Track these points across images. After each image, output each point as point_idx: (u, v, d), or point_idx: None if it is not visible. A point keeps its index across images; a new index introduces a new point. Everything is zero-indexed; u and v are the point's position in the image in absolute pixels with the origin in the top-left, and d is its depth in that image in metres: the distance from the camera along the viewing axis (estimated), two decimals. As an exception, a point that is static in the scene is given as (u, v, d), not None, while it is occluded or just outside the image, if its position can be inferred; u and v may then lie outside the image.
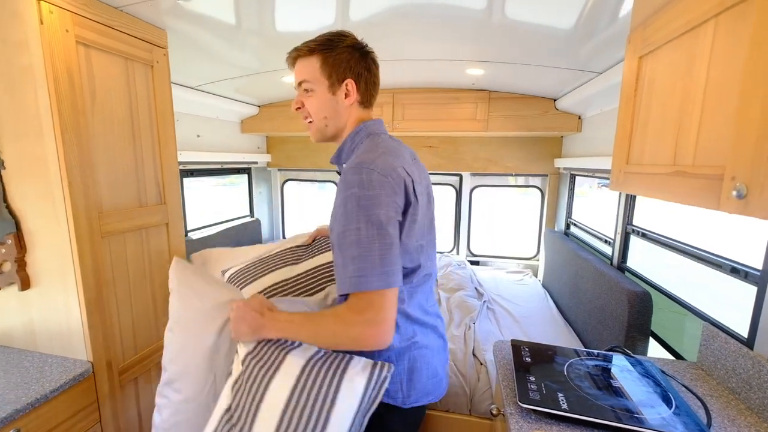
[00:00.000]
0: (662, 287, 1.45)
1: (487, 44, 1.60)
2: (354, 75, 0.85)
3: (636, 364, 1.09)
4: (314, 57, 0.83)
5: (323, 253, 1.18)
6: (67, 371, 1.09)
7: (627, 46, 0.96)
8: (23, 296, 1.16)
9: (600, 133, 2.08)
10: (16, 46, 1.00)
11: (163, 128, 1.37)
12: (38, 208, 1.09)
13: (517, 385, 0.96)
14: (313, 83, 0.84)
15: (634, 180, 0.90)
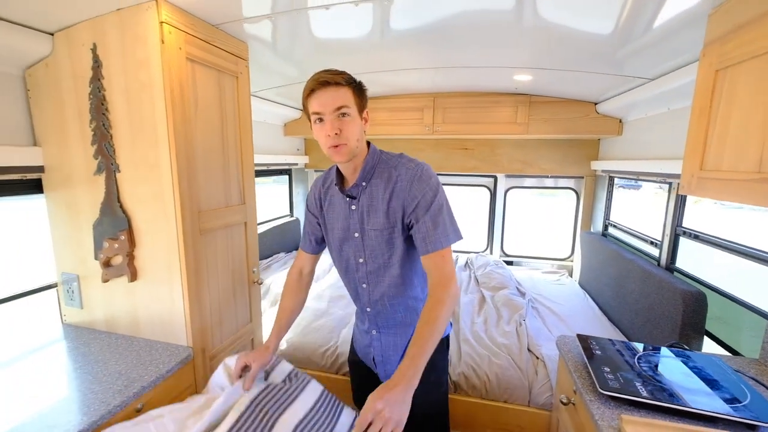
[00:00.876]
0: (719, 288, 1.50)
1: (535, 51, 1.67)
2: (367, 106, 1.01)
3: (701, 358, 1.15)
4: (348, 88, 0.94)
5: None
6: (173, 355, 1.21)
7: (701, 60, 1.02)
8: (130, 287, 1.28)
9: (644, 137, 2.12)
10: (137, 64, 1.11)
11: (245, 134, 1.48)
12: (148, 208, 1.21)
13: (595, 375, 1.04)
14: (350, 110, 0.94)
15: (710, 185, 0.97)
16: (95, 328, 1.37)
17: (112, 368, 1.12)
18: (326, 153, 0.98)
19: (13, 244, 7.98)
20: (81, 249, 1.32)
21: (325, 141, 0.95)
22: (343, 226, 1.07)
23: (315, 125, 0.96)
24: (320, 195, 1.13)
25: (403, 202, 0.97)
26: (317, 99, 0.93)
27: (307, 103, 0.96)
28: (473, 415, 1.51)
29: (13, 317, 1.57)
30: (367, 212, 1.02)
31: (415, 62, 1.96)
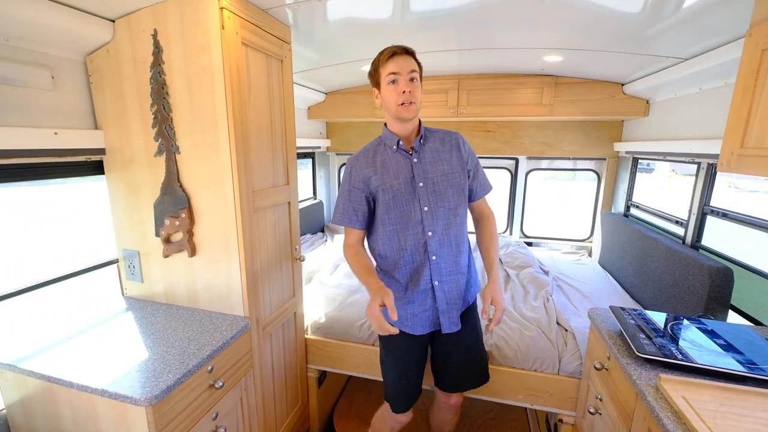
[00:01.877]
0: (745, 263, 1.55)
1: (565, 32, 1.67)
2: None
3: (730, 327, 1.22)
4: (415, 61, 1.17)
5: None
6: (234, 324, 1.31)
7: (747, 39, 1.05)
8: (189, 262, 1.38)
9: (671, 117, 2.13)
10: (198, 49, 1.17)
11: (288, 116, 1.54)
12: (207, 187, 1.29)
13: (632, 341, 1.11)
14: (418, 76, 1.17)
15: (751, 162, 1.01)
16: (155, 301, 1.47)
17: (181, 335, 1.23)
18: (394, 111, 1.17)
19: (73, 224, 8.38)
20: (141, 227, 1.41)
21: (397, 98, 1.14)
22: (404, 179, 1.21)
23: (387, 86, 1.15)
24: (367, 166, 1.25)
25: (464, 155, 1.27)
26: (395, 62, 1.12)
27: (382, 67, 1.15)
28: (505, 382, 1.61)
29: (76, 292, 1.68)
30: (431, 162, 1.24)
31: (442, 44, 1.98)
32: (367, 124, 3.29)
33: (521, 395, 1.61)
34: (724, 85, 1.67)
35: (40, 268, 5.64)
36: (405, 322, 1.29)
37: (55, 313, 1.35)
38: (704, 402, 0.87)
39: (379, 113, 2.85)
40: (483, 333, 1.44)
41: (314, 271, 2.32)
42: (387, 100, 1.17)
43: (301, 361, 1.82)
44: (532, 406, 1.62)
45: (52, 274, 1.33)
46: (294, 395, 1.80)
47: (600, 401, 1.29)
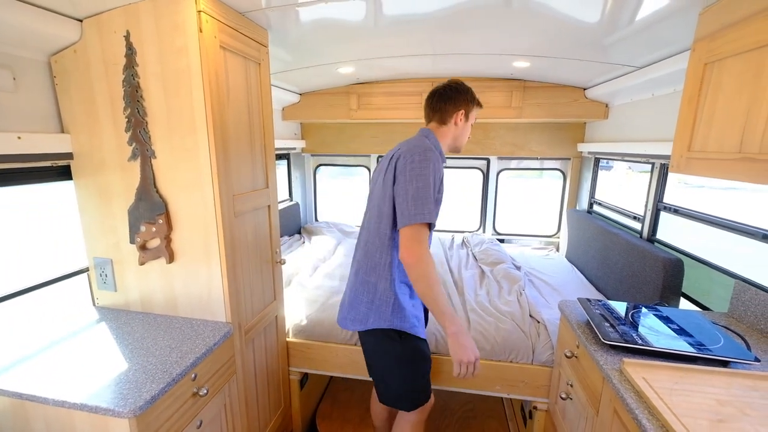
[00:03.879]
0: (694, 254, 1.71)
1: (534, 39, 1.77)
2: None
3: (682, 312, 1.34)
4: None
5: None
6: (215, 330, 1.29)
7: (691, 54, 1.17)
8: (167, 268, 1.35)
9: (628, 121, 2.30)
10: (175, 52, 1.15)
11: (266, 119, 1.54)
12: (186, 192, 1.26)
13: (598, 329, 1.21)
14: None
15: (697, 164, 1.13)
16: (130, 310, 1.43)
17: (162, 343, 1.20)
18: (462, 143, 1.39)
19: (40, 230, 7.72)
20: (114, 234, 1.36)
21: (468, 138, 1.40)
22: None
23: (469, 126, 1.37)
24: (441, 165, 1.25)
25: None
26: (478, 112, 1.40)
27: (476, 109, 1.38)
28: (483, 373, 1.69)
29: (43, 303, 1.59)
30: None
31: (415, 49, 2.03)
32: (343, 125, 3.30)
33: (498, 386, 1.69)
34: (673, 92, 1.83)
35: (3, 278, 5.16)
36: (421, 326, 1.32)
37: (21, 326, 1.28)
38: (661, 381, 0.97)
39: (354, 115, 2.87)
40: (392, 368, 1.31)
41: (293, 273, 2.31)
42: (464, 133, 1.36)
43: (283, 365, 1.82)
44: (509, 395, 1.70)
45: (16, 286, 1.26)
46: (276, 399, 1.79)
47: (571, 387, 1.38)
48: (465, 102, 1.31)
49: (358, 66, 2.35)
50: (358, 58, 2.21)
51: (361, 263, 1.31)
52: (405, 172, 1.15)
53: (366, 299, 1.27)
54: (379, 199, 1.25)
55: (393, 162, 1.21)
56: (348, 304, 1.34)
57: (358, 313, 1.29)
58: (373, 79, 2.74)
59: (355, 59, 2.22)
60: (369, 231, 1.30)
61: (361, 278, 1.29)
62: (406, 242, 1.12)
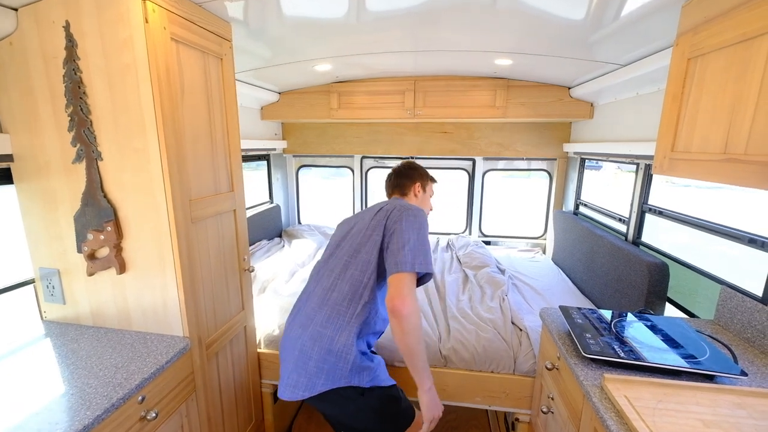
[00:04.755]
0: (680, 258, 1.65)
1: (516, 36, 1.71)
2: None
3: (667, 321, 1.28)
4: None
5: None
6: (171, 346, 1.19)
7: (674, 49, 1.10)
8: (119, 279, 1.24)
9: (613, 120, 2.25)
10: (119, 44, 1.05)
11: (231, 118, 1.44)
12: (136, 197, 1.16)
13: (578, 341, 1.14)
14: None
15: (681, 165, 1.07)
16: (81, 324, 1.32)
17: (108, 362, 1.10)
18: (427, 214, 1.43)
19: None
20: (61, 242, 1.26)
21: (430, 209, 1.53)
22: None
23: (429, 198, 1.54)
24: None
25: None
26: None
27: (432, 184, 1.56)
28: (463, 385, 1.61)
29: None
30: None
31: (396, 45, 1.95)
32: (326, 125, 3.21)
33: (479, 397, 1.62)
34: (657, 90, 1.78)
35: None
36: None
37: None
38: (644, 400, 0.90)
39: (335, 114, 2.79)
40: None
41: (269, 279, 2.21)
42: (426, 205, 1.51)
43: (254, 377, 1.72)
44: (490, 407, 1.63)
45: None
46: (247, 414, 1.69)
47: (552, 400, 1.31)
48: (419, 177, 1.50)
49: (336, 63, 2.26)
50: (335, 55, 2.13)
51: (315, 312, 1.18)
52: (402, 221, 1.17)
53: (317, 356, 1.12)
54: (357, 245, 1.23)
55: (384, 213, 1.25)
56: (292, 366, 1.16)
57: (303, 376, 1.12)
58: (354, 77, 2.65)
59: (332, 56, 2.14)
60: (334, 276, 1.22)
61: (313, 331, 1.15)
62: (399, 290, 1.04)
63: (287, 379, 1.17)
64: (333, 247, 1.33)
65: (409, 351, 1.08)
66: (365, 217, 1.30)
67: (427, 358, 1.60)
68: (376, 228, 1.21)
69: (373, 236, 1.20)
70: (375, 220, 1.24)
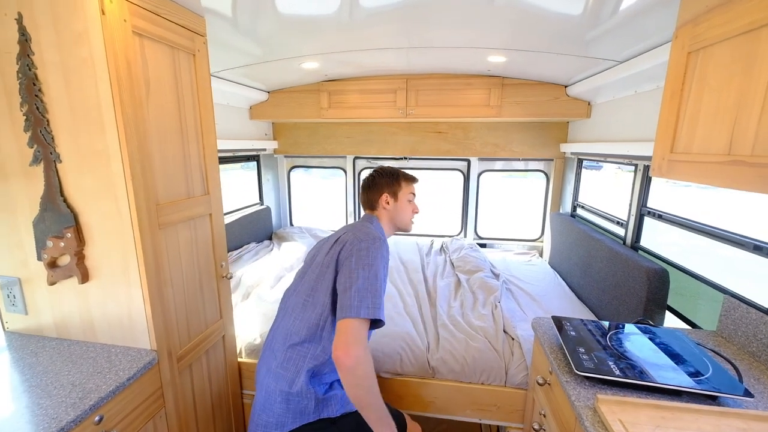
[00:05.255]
0: (681, 265, 1.57)
1: (509, 32, 1.64)
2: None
3: (666, 333, 1.20)
4: None
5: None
6: (135, 360, 1.12)
7: (673, 42, 1.02)
8: (81, 289, 1.17)
9: (611, 119, 2.17)
10: (74, 38, 0.98)
11: (205, 118, 1.37)
12: (98, 202, 1.09)
13: (571, 357, 1.06)
14: None
15: (680, 168, 0.99)
16: (44, 335, 1.25)
17: (65, 379, 1.02)
18: (406, 222, 1.34)
19: None
20: (21, 249, 1.18)
21: (412, 215, 1.35)
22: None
23: (407, 203, 1.33)
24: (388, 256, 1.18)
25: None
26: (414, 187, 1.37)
27: (405, 185, 1.33)
28: (452, 397, 1.53)
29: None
30: None
31: (386, 41, 1.88)
32: (317, 125, 3.14)
33: (469, 410, 1.54)
34: (656, 88, 1.70)
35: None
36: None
37: None
38: (640, 425, 0.82)
39: (326, 114, 2.71)
40: None
41: (254, 285, 2.14)
42: (400, 213, 1.32)
43: (233, 389, 1.65)
44: (480, 420, 1.55)
45: None
46: (226, 427, 1.62)
47: (544, 417, 1.23)
48: (386, 186, 1.32)
49: (324, 60, 2.19)
50: (323, 52, 2.05)
51: (278, 352, 1.11)
52: (352, 258, 1.05)
53: (280, 398, 1.06)
54: (314, 282, 1.13)
55: (337, 247, 1.12)
56: (260, 406, 1.10)
57: (271, 416, 1.06)
58: (344, 75, 2.58)
59: (321, 53, 2.06)
60: (294, 316, 1.13)
61: (276, 373, 1.09)
62: (343, 339, 0.94)
63: (257, 418, 1.12)
64: (300, 277, 1.23)
65: (360, 403, 0.97)
66: (324, 250, 1.18)
67: (415, 368, 1.54)
68: (329, 265, 1.11)
69: (326, 274, 1.10)
70: (330, 254, 1.12)
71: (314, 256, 1.22)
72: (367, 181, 1.35)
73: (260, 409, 1.11)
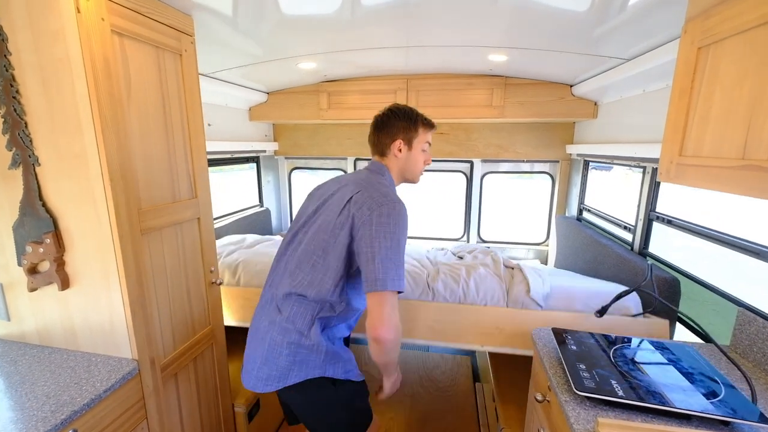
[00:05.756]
0: (692, 274, 1.49)
1: (510, 29, 1.58)
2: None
3: (676, 348, 1.13)
4: None
5: None
6: (115, 370, 1.08)
7: (682, 36, 0.95)
8: (62, 296, 1.14)
9: (618, 120, 2.09)
10: (50, 37, 0.94)
11: (193, 120, 1.33)
12: (77, 206, 1.06)
13: (570, 374, 0.99)
14: None
15: (690, 172, 0.92)
16: (27, 342, 1.22)
17: (39, 390, 0.99)
18: (417, 173, 1.24)
19: None
20: (2, 254, 1.15)
21: (423, 165, 1.24)
22: None
23: (420, 152, 1.21)
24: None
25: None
26: (431, 135, 1.23)
27: (422, 132, 1.19)
28: (452, 321, 1.52)
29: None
30: None
31: (386, 41, 1.83)
32: (318, 126, 3.10)
33: (470, 336, 1.50)
34: (665, 87, 1.62)
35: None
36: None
37: None
38: (643, 453, 0.75)
39: (325, 115, 2.67)
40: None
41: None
42: (412, 164, 1.21)
43: (224, 398, 1.61)
44: (482, 347, 1.51)
45: None
46: (216, 437, 1.58)
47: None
48: (402, 129, 1.17)
49: (323, 60, 2.14)
50: (321, 51, 2.01)
51: (284, 305, 1.09)
52: (370, 226, 0.99)
53: (287, 350, 1.06)
54: (324, 243, 1.06)
55: (351, 208, 1.04)
56: (262, 359, 1.09)
57: (274, 369, 1.07)
58: (344, 76, 2.53)
59: (319, 52, 2.02)
60: (302, 273, 1.08)
61: (282, 326, 1.08)
62: (380, 316, 0.94)
63: (258, 372, 1.09)
64: (303, 226, 1.15)
65: (386, 366, 1.09)
66: (333, 206, 1.09)
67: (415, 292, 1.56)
68: (343, 227, 1.03)
69: (339, 237, 1.04)
70: (343, 215, 1.04)
71: (317, 208, 1.13)
72: (380, 121, 1.19)
73: (261, 363, 1.08)
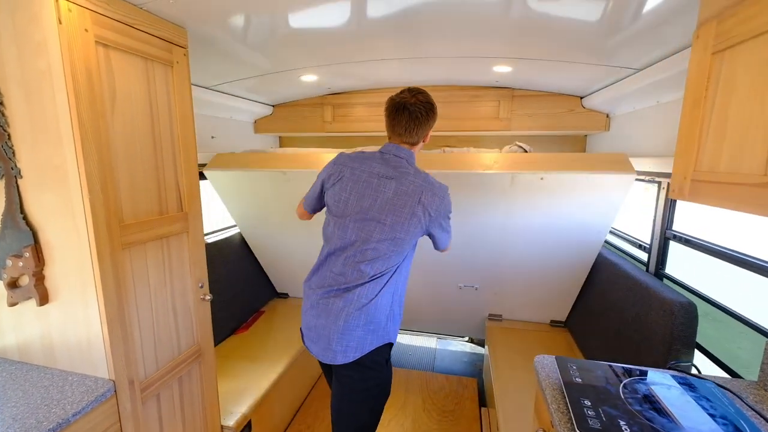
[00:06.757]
0: (712, 298, 1.37)
1: (515, 40, 1.52)
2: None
3: (697, 384, 1.01)
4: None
5: None
6: (88, 391, 1.04)
7: (694, 42, 0.88)
8: (41, 311, 1.11)
9: (631, 132, 1.99)
10: (33, 49, 0.93)
11: (183, 132, 1.31)
12: (57, 220, 1.03)
13: (573, 411, 0.89)
14: None
15: (705, 189, 0.83)
16: (7, 358, 1.19)
17: (8, 412, 0.95)
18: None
19: None
20: (-15, 267, 1.14)
21: None
22: None
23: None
24: None
25: None
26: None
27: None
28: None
29: None
30: None
31: (389, 53, 1.80)
32: (324, 139, 3.08)
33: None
34: (680, 98, 1.52)
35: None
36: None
37: None
38: None
39: (329, 127, 2.65)
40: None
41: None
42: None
43: (212, 417, 1.54)
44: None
45: None
46: (201, 460, 1.51)
47: (545, 477, 1.06)
48: (432, 123, 1.25)
49: (326, 73, 2.12)
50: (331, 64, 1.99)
51: (357, 285, 1.19)
52: (444, 216, 1.23)
53: (363, 321, 1.18)
54: (400, 229, 1.18)
55: (415, 196, 1.16)
56: (338, 334, 1.18)
57: (352, 339, 1.18)
58: (348, 88, 2.52)
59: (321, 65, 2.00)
60: (375, 252, 1.18)
61: (359, 303, 1.18)
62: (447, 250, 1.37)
63: (336, 345, 1.19)
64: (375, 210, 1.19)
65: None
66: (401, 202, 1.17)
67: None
68: (412, 217, 1.16)
69: (413, 227, 1.17)
70: (418, 212, 1.16)
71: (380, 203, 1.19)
72: (421, 111, 1.19)
73: (340, 334, 1.18)
